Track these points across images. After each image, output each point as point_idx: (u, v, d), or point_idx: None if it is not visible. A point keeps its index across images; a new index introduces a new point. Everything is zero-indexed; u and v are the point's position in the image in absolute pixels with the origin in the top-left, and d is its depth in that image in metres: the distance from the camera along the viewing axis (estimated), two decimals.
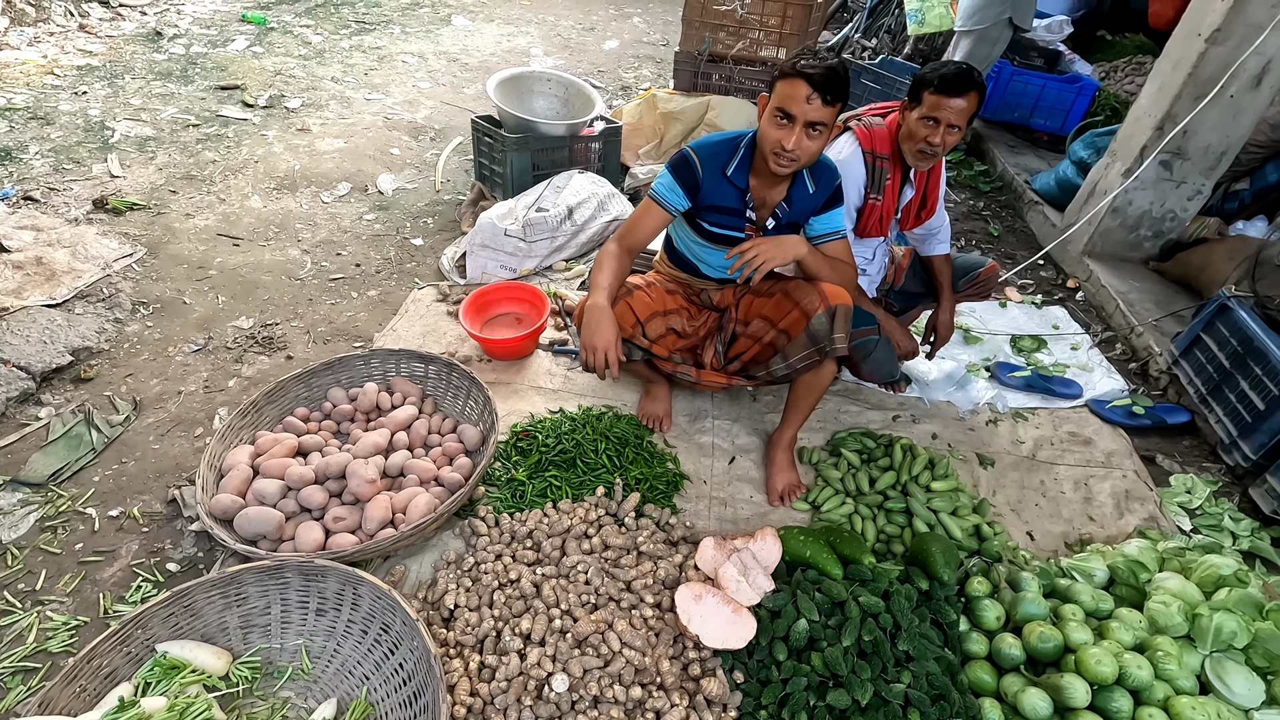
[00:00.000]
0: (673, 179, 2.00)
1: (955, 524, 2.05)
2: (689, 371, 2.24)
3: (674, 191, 2.01)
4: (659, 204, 2.02)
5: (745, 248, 1.93)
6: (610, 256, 2.03)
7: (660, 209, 2.03)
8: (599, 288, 1.95)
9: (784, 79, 1.78)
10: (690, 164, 1.98)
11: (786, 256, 1.95)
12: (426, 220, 3.53)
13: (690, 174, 1.98)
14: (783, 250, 1.94)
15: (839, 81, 1.73)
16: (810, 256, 1.99)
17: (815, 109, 1.75)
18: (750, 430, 2.46)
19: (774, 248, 1.93)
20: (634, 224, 2.07)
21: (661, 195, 2.02)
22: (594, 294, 1.94)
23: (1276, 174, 3.46)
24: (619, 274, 2.03)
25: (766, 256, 1.92)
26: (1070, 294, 3.48)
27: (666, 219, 2.05)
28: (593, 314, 1.90)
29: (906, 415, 2.64)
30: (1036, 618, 1.73)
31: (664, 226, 2.08)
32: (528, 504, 2.01)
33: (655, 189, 2.04)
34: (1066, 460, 2.52)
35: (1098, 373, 2.95)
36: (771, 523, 2.15)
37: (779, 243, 1.95)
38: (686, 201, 2.03)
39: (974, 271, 2.59)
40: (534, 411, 2.41)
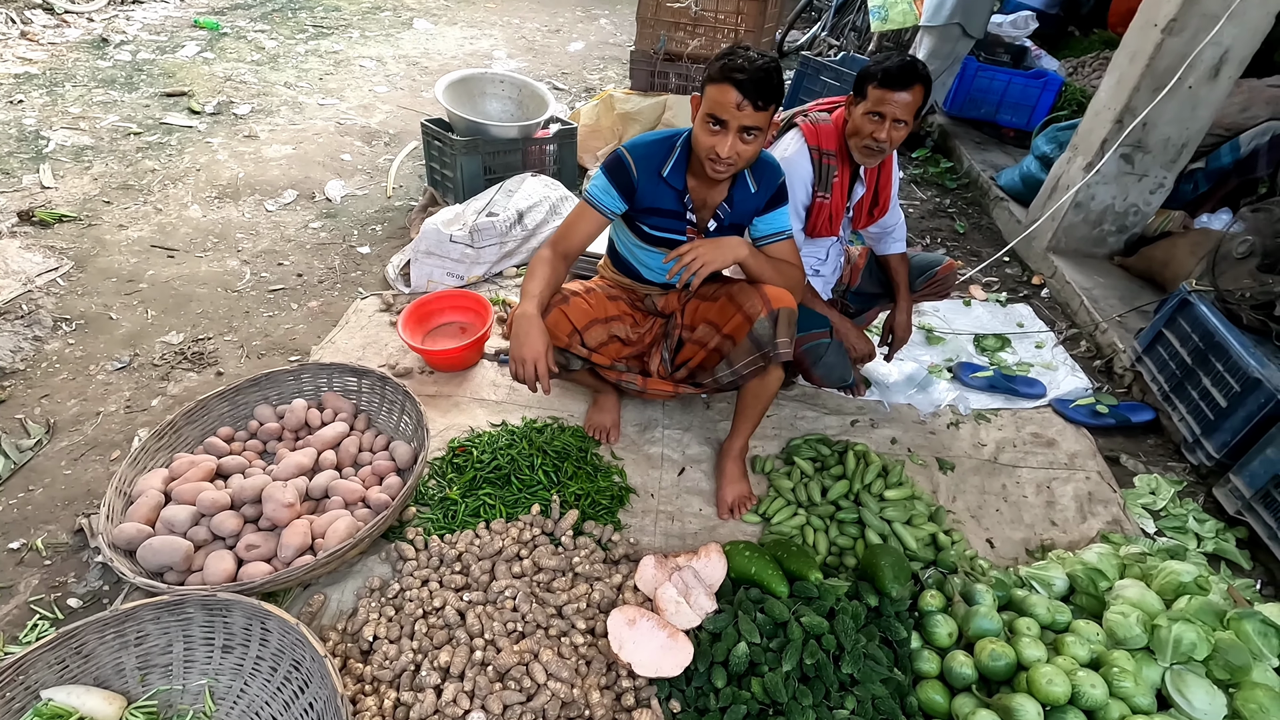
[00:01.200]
0: (607, 180, 1.91)
1: (910, 534, 1.97)
2: (634, 380, 2.15)
3: (608, 194, 1.91)
4: (594, 207, 1.93)
5: (683, 250, 1.84)
6: (543, 263, 1.93)
7: (595, 212, 1.94)
8: (529, 295, 1.85)
9: (713, 83, 1.69)
10: (624, 165, 1.89)
11: (726, 259, 1.86)
12: (375, 228, 3.42)
13: (625, 175, 1.89)
14: (722, 252, 1.85)
15: (770, 84, 1.64)
16: (752, 258, 1.90)
17: (747, 114, 1.66)
18: (702, 440, 2.37)
19: (713, 250, 1.84)
20: (569, 228, 1.97)
21: (596, 198, 1.93)
22: (524, 302, 1.84)
23: (1230, 156, 3.42)
24: (552, 281, 1.93)
25: (705, 259, 1.82)
26: (1035, 291, 3.42)
27: (602, 222, 1.96)
28: (521, 323, 1.80)
29: (865, 420, 2.55)
30: (990, 633, 1.64)
31: (600, 230, 1.99)
32: (459, 524, 1.90)
33: (589, 191, 1.94)
34: (1029, 463, 2.44)
35: (1062, 371, 2.88)
36: (720, 537, 2.06)
37: (718, 245, 1.86)
38: (622, 204, 1.94)
39: (931, 270, 2.51)
40: (475, 425, 2.30)
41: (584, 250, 2.02)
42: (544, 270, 1.92)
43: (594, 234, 1.99)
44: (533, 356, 1.76)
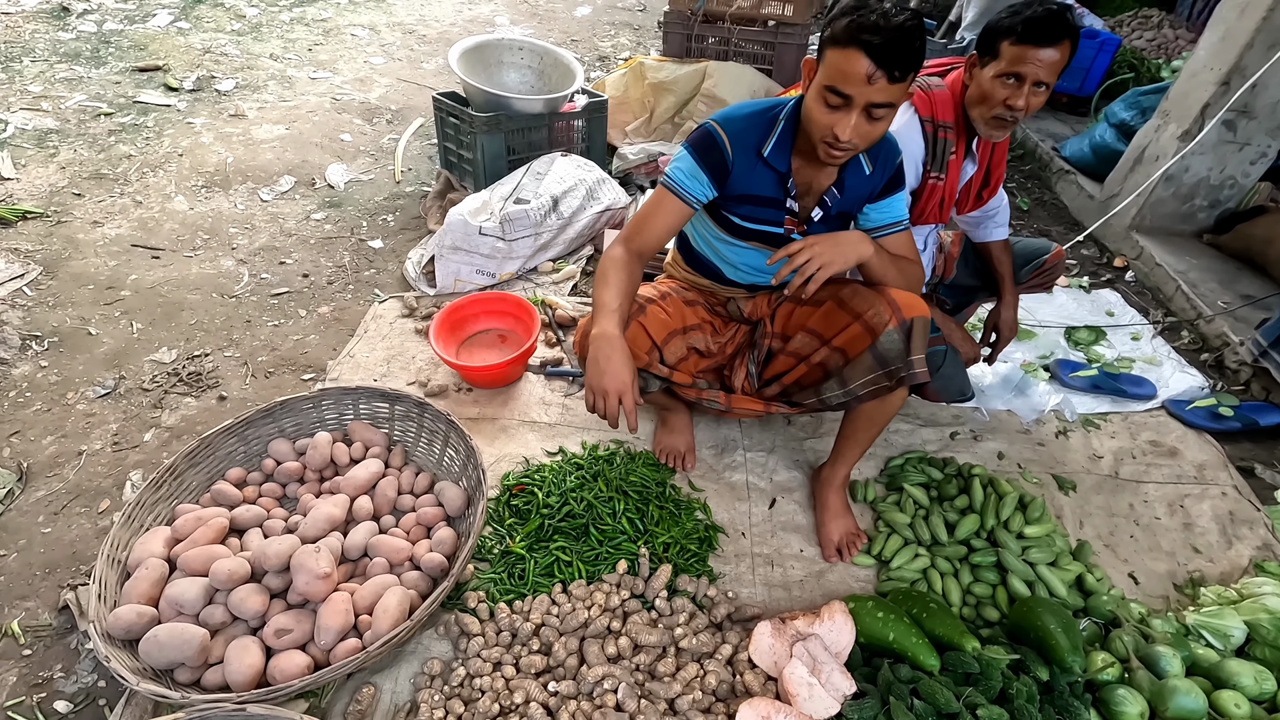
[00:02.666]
0: (694, 161, 1.56)
1: (1058, 579, 1.67)
2: (717, 398, 1.82)
3: (696, 178, 1.57)
4: (677, 194, 1.59)
5: (795, 249, 1.50)
6: (616, 266, 1.59)
7: (678, 200, 1.59)
8: (605, 309, 1.51)
9: (835, 47, 1.32)
10: (716, 142, 1.54)
11: (849, 259, 1.52)
12: (386, 218, 3.04)
13: (717, 155, 1.54)
14: (843, 251, 1.52)
15: (910, 49, 1.28)
16: (876, 257, 1.57)
17: (879, 88, 1.30)
18: (790, 463, 2.05)
19: (831, 248, 1.50)
20: (644, 221, 1.63)
21: (680, 183, 1.58)
22: (600, 318, 1.50)
23: None
24: (629, 288, 1.58)
25: (824, 260, 1.49)
26: (1119, 274, 3.11)
27: (686, 213, 1.62)
28: (601, 346, 1.45)
29: (966, 432, 2.25)
30: (1194, 716, 1.35)
31: (683, 222, 1.64)
32: (529, 587, 1.58)
33: (672, 175, 1.59)
34: (1153, 476, 2.15)
35: (1168, 367, 2.59)
36: (830, 584, 1.75)
37: (836, 241, 1.52)
38: (712, 190, 1.59)
39: (1038, 258, 2.20)
40: (528, 455, 1.97)
41: (662, 246, 1.68)
42: (619, 275, 1.58)
43: (676, 227, 1.64)
44: (617, 388, 1.42)
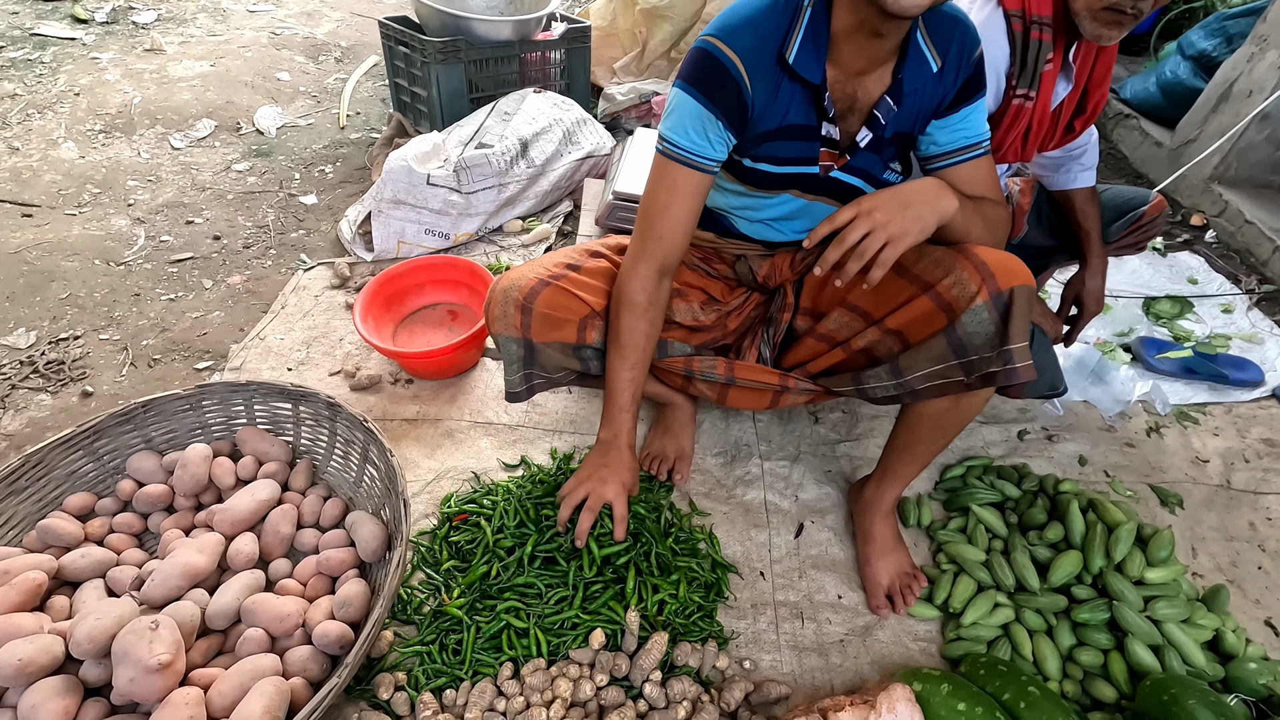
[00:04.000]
0: (701, 107, 1.07)
1: (1193, 641, 1.23)
2: (714, 366, 1.32)
3: (707, 133, 1.10)
4: (687, 164, 1.12)
5: (844, 220, 1.03)
6: (634, 313, 1.17)
7: (690, 172, 1.12)
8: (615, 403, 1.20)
9: None
10: (726, 70, 1.05)
11: (927, 225, 1.04)
12: (324, 169, 2.53)
13: (731, 90, 1.06)
14: (918, 215, 1.03)
15: None
16: (962, 210, 1.08)
17: None
18: (820, 475, 1.60)
19: (900, 213, 1.02)
20: (657, 215, 1.15)
21: (687, 148, 1.11)
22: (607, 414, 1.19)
23: None
24: (649, 349, 1.20)
25: (892, 232, 1.01)
26: (1198, 234, 2.63)
27: (706, 184, 1.15)
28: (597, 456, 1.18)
29: (1036, 430, 1.79)
30: None
31: (705, 197, 1.17)
32: (467, 668, 1.12)
33: (673, 138, 1.11)
34: (1275, 485, 1.71)
35: (1271, 345, 2.12)
36: (880, 646, 1.30)
37: (905, 201, 1.04)
38: (731, 139, 1.12)
39: (1136, 211, 1.72)
40: (481, 468, 1.51)
41: (689, 241, 1.21)
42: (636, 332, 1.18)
43: (699, 209, 1.17)
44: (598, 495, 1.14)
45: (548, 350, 1.19)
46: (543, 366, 1.22)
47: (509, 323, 1.16)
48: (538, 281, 1.16)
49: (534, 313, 1.15)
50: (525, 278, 1.17)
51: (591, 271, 1.23)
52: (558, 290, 1.16)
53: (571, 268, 1.21)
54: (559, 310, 1.16)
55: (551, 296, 1.16)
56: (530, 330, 1.16)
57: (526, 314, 1.15)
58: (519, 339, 1.17)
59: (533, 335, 1.16)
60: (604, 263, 1.26)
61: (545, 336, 1.17)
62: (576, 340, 1.19)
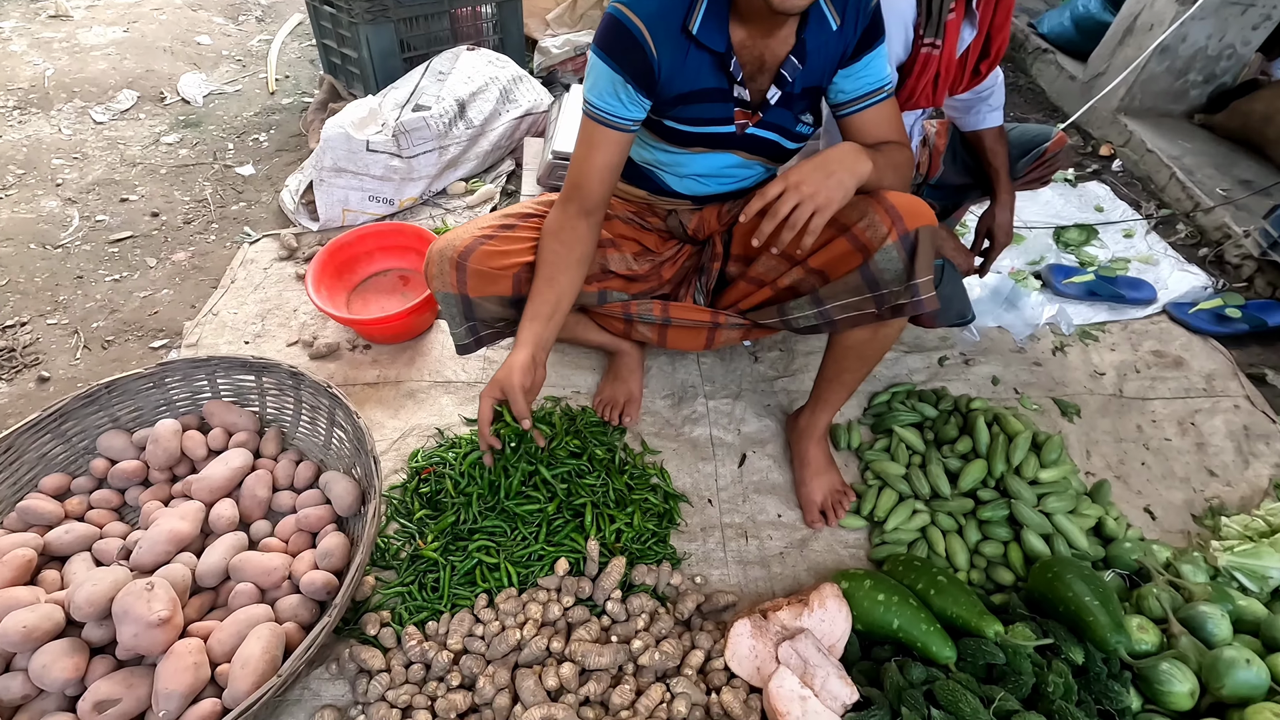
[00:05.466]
0: (612, 70, 1.16)
1: (1077, 528, 1.43)
2: (651, 309, 1.44)
3: (619, 94, 1.18)
4: (604, 123, 1.21)
5: (773, 194, 1.13)
6: (555, 241, 1.25)
7: (609, 130, 1.21)
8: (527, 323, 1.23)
9: None
10: (630, 34, 1.13)
11: (847, 187, 1.14)
12: (258, 137, 2.49)
13: (637, 53, 1.15)
14: (839, 180, 1.13)
15: None
16: (875, 169, 1.18)
17: None
18: (760, 410, 1.74)
19: (823, 180, 1.12)
20: (579, 166, 1.24)
21: (603, 107, 1.19)
22: (520, 335, 1.22)
23: None
24: (570, 278, 1.25)
25: (818, 201, 1.11)
26: (1106, 164, 2.81)
27: (625, 141, 1.24)
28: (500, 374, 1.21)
29: (955, 356, 1.96)
30: (1256, 692, 1.13)
31: (626, 153, 1.27)
32: (446, 601, 1.24)
33: (591, 98, 1.20)
34: (1160, 392, 1.92)
35: (1165, 265, 2.33)
36: (815, 555, 1.47)
37: (827, 169, 1.13)
38: (644, 100, 1.20)
39: (1039, 146, 1.85)
40: (444, 424, 1.60)
41: (613, 190, 1.29)
42: (556, 260, 1.24)
43: (620, 163, 1.27)
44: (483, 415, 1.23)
45: (485, 304, 1.28)
46: (483, 319, 1.31)
47: (446, 280, 1.24)
48: (472, 239, 1.24)
49: (468, 269, 1.23)
50: (460, 238, 1.25)
51: (526, 229, 1.31)
52: (491, 248, 1.25)
53: (505, 227, 1.29)
54: (493, 266, 1.24)
55: (485, 254, 1.24)
56: (466, 286, 1.25)
57: (461, 271, 1.23)
58: (456, 295, 1.26)
59: (469, 291, 1.25)
60: (538, 221, 1.34)
61: (481, 291, 1.26)
62: (513, 293, 1.28)
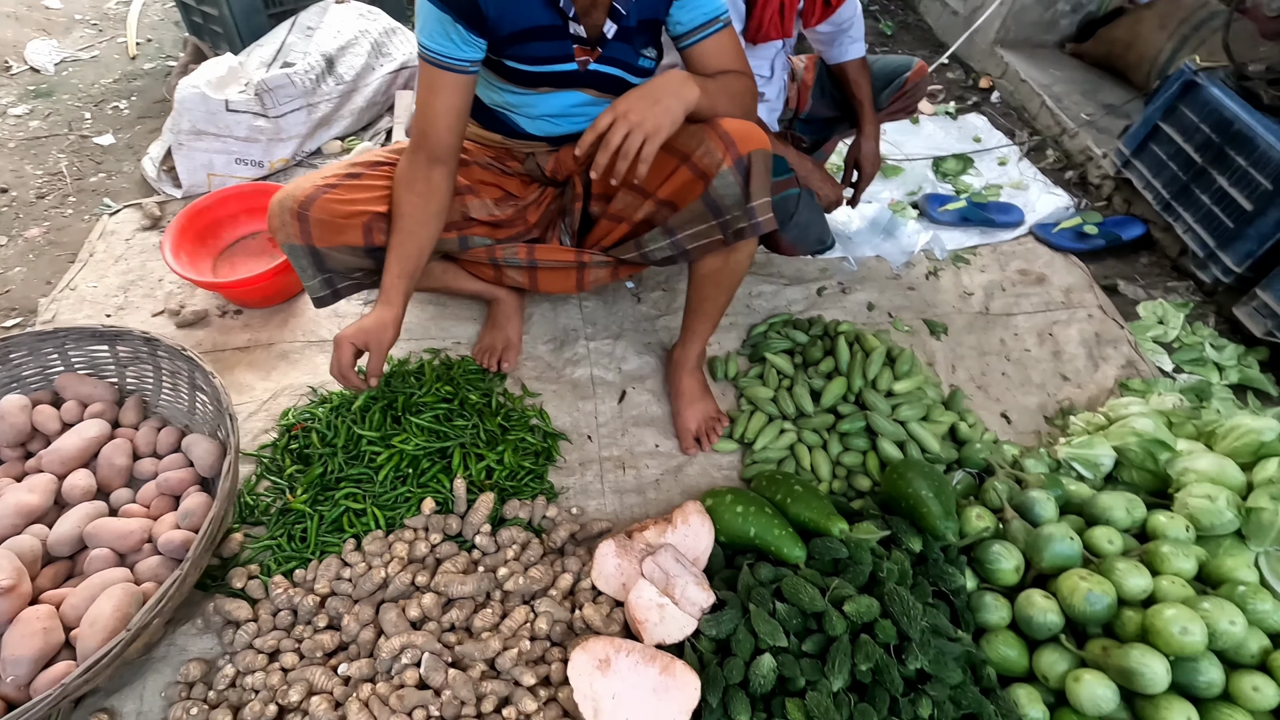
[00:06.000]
0: (439, 10, 1.14)
1: (930, 433, 1.52)
2: (516, 252, 1.46)
3: (450, 35, 1.17)
4: (440, 66, 1.19)
5: (604, 125, 1.13)
6: (408, 192, 1.25)
7: (446, 73, 1.20)
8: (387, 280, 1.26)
9: None
10: None
11: (675, 114, 1.15)
12: (118, 105, 2.36)
13: None
14: (666, 107, 1.14)
15: None
16: (704, 94, 1.20)
17: None
18: (640, 347, 1.78)
19: (650, 108, 1.13)
20: (423, 111, 1.24)
21: (436, 50, 1.18)
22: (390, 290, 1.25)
23: None
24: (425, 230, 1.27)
25: (647, 129, 1.12)
26: (985, 96, 2.91)
27: (466, 83, 1.23)
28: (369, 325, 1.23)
29: (834, 285, 2.03)
30: (1070, 561, 1.25)
31: (470, 94, 1.26)
32: (314, 550, 1.26)
33: (424, 41, 1.18)
34: (1023, 307, 2.04)
35: (1034, 189, 2.45)
36: (690, 479, 1.53)
37: (654, 96, 1.14)
38: (477, 40, 1.19)
39: (899, 77, 1.91)
40: (318, 383, 1.59)
41: (463, 132, 1.28)
42: (413, 210, 1.25)
43: (466, 105, 1.26)
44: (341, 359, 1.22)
45: (336, 254, 1.26)
46: (338, 270, 1.30)
47: (289, 231, 1.22)
48: (313, 189, 1.22)
49: (310, 219, 1.21)
50: (300, 187, 1.23)
51: (374, 177, 1.29)
52: (334, 197, 1.23)
53: (350, 175, 1.27)
54: (337, 216, 1.23)
55: (328, 203, 1.22)
56: (311, 237, 1.23)
57: (304, 221, 1.21)
58: (302, 246, 1.24)
59: (315, 241, 1.23)
60: (390, 170, 1.32)
61: (329, 241, 1.24)
62: (365, 243, 1.27)
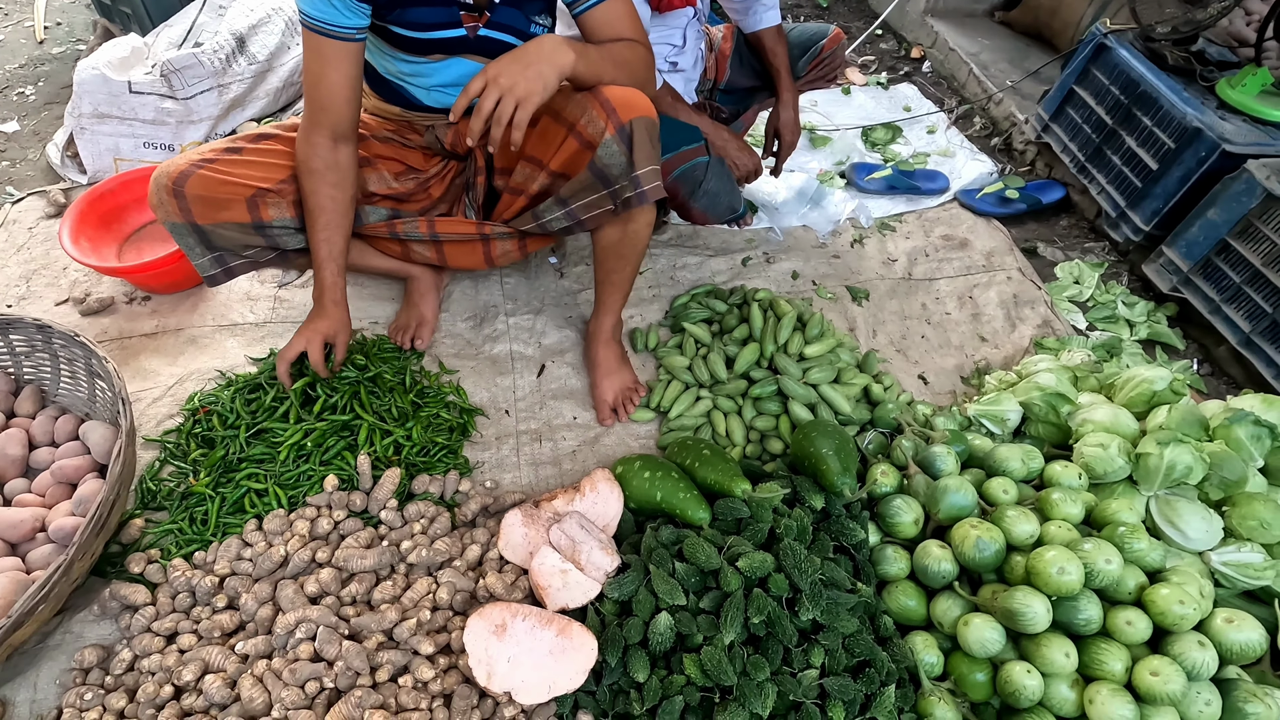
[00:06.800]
0: None
1: (840, 395, 1.55)
2: (417, 226, 1.44)
3: (330, 2, 1.14)
4: (324, 33, 1.16)
5: (476, 90, 1.11)
6: (313, 178, 1.25)
7: (331, 41, 1.17)
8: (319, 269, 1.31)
9: None
10: None
11: (548, 80, 1.13)
12: (23, 90, 2.28)
13: None
14: (539, 72, 1.12)
15: None
16: (582, 60, 1.18)
17: None
18: (561, 322, 1.77)
19: (522, 72, 1.11)
20: (314, 85, 1.21)
21: (318, 17, 1.15)
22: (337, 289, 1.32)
23: None
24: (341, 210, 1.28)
25: (519, 94, 1.10)
26: (917, 66, 2.93)
27: (354, 50, 1.20)
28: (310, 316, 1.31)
29: (759, 255, 2.05)
30: (965, 511, 1.28)
31: (360, 62, 1.23)
32: (213, 531, 1.24)
33: (304, 9, 1.15)
34: (945, 271, 2.08)
35: (961, 156, 2.48)
36: (607, 449, 1.54)
37: (525, 61, 1.12)
38: (360, 4, 1.16)
39: (815, 45, 1.92)
40: (228, 366, 1.56)
41: (357, 104, 1.26)
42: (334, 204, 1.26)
43: (358, 74, 1.24)
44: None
45: (222, 231, 1.24)
46: (229, 248, 1.28)
47: (168, 209, 1.20)
48: (188, 164, 1.20)
49: (187, 196, 1.19)
50: (175, 163, 1.20)
51: (257, 152, 1.27)
52: (211, 172, 1.20)
53: (231, 150, 1.25)
54: (216, 192, 1.21)
55: (204, 180, 1.20)
56: (191, 214, 1.20)
57: (180, 199, 1.19)
58: (184, 224, 1.21)
59: (196, 218, 1.21)
60: (275, 144, 1.30)
61: (211, 218, 1.22)
62: (251, 219, 1.25)
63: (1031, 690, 1.08)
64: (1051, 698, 1.09)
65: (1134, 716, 1.03)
